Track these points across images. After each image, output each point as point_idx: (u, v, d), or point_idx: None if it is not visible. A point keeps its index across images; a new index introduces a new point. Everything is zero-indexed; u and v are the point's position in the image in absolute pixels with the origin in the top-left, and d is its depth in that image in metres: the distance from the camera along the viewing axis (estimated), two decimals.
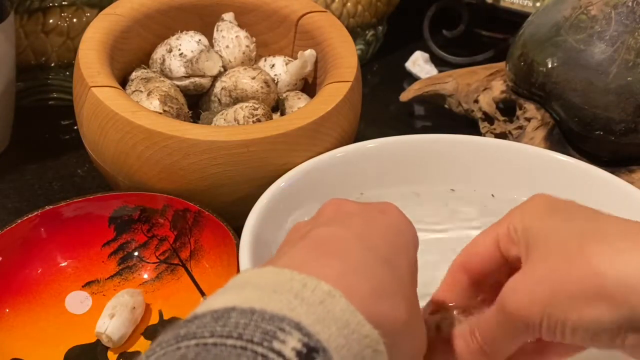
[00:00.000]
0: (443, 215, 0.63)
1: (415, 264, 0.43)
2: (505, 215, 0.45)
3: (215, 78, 0.69)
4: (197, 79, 0.68)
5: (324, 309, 0.36)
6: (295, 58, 0.70)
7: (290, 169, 0.60)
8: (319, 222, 0.43)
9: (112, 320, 0.57)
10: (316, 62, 0.70)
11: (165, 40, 0.70)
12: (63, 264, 0.62)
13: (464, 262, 0.46)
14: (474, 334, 0.43)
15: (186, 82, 0.68)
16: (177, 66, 0.68)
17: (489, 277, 0.46)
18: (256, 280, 0.37)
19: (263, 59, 0.72)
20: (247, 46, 0.70)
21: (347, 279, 0.38)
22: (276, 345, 0.33)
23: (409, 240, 0.43)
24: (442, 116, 0.80)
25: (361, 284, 0.38)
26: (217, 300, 0.36)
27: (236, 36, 0.70)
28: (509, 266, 0.44)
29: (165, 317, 0.60)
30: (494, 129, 0.75)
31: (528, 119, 0.72)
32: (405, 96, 0.80)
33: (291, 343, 0.33)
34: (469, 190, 0.64)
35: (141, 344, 0.58)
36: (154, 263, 0.62)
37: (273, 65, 0.71)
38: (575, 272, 0.39)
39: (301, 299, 0.36)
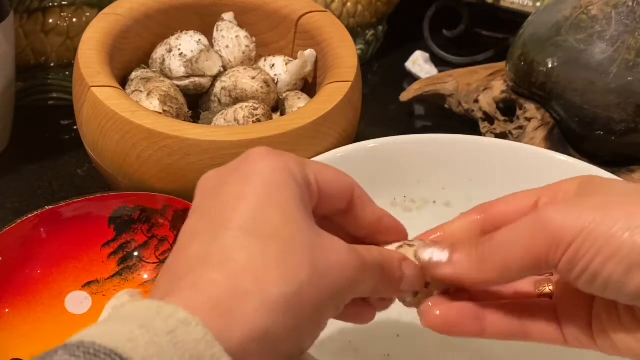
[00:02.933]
0: None
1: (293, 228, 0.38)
2: (543, 189, 0.43)
3: (215, 78, 0.68)
4: (197, 79, 0.68)
5: (171, 340, 0.33)
6: (295, 58, 0.70)
7: None
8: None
9: None
10: (316, 62, 0.70)
11: (165, 40, 0.70)
12: (63, 264, 0.62)
13: (485, 207, 0.44)
14: (482, 247, 0.40)
15: (186, 82, 0.68)
16: (177, 66, 0.68)
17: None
18: (118, 313, 0.35)
19: (263, 58, 0.72)
20: (247, 46, 0.70)
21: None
22: None
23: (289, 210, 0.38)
24: (442, 116, 0.80)
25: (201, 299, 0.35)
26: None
27: (236, 36, 0.70)
28: None
29: None
30: (494, 129, 0.75)
31: (528, 119, 0.72)
32: (405, 96, 0.80)
33: None
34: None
35: None
36: (154, 263, 0.62)
37: (273, 65, 0.71)
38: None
39: (147, 328, 0.33)
